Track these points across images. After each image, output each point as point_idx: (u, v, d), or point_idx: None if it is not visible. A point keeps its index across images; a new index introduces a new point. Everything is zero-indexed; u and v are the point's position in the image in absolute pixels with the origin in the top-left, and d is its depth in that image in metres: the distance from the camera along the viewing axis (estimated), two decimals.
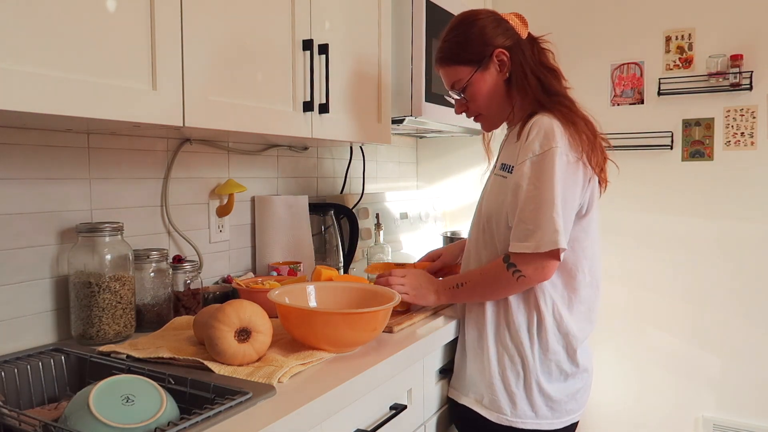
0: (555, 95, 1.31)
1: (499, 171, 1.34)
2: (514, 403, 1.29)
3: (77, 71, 0.91)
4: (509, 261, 1.25)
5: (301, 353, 1.10)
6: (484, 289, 1.31)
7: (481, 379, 1.32)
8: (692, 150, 2.32)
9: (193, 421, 0.80)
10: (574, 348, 1.31)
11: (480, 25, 1.33)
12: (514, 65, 1.32)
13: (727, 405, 2.32)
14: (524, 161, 1.24)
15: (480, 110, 1.39)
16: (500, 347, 1.30)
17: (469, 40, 1.33)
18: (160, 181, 1.48)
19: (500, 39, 1.32)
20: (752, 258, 2.25)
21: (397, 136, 2.49)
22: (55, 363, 1.11)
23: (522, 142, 1.27)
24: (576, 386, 1.33)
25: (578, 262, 1.30)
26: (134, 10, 1.00)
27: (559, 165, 1.20)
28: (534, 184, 1.21)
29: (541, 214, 1.19)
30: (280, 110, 1.34)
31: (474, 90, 1.35)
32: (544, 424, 1.29)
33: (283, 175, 1.90)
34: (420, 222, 2.45)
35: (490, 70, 1.33)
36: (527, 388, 1.28)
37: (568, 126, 1.23)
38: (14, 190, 1.16)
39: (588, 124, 1.28)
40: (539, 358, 1.28)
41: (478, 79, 1.34)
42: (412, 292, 1.40)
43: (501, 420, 1.29)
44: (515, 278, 1.24)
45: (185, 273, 1.41)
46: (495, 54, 1.32)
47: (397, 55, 1.83)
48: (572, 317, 1.31)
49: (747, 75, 2.19)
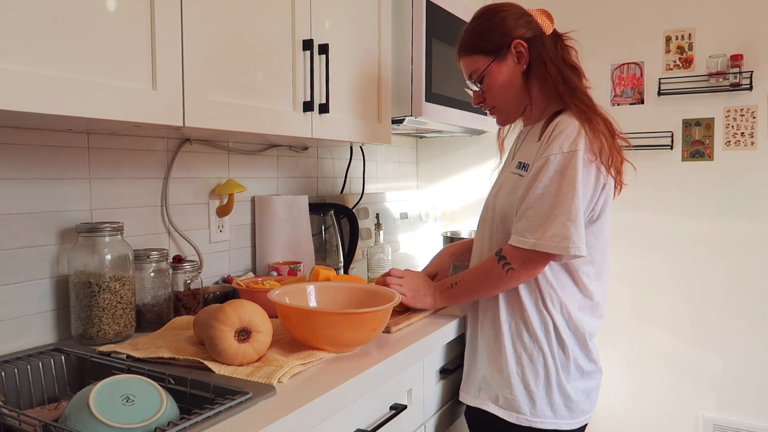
0: (575, 90, 1.29)
1: (516, 169, 1.32)
2: (534, 403, 1.28)
3: (77, 71, 0.91)
4: (500, 254, 1.25)
5: (301, 353, 1.10)
6: (476, 285, 1.31)
7: (499, 380, 1.31)
8: (692, 150, 2.32)
9: (193, 421, 0.80)
10: (587, 344, 1.31)
11: (501, 16, 1.32)
12: (533, 57, 1.30)
13: (727, 405, 2.32)
14: (543, 158, 1.21)
15: (495, 102, 1.37)
16: (519, 347, 1.29)
17: (489, 30, 1.32)
18: (160, 181, 1.48)
19: (520, 30, 1.30)
20: (752, 258, 2.25)
21: (397, 136, 2.49)
22: (55, 363, 1.11)
23: (544, 140, 1.25)
24: (591, 385, 1.34)
25: (582, 265, 1.29)
26: (134, 9, 1.00)
27: (580, 170, 1.19)
28: (549, 185, 1.20)
29: (550, 215, 1.18)
30: (280, 110, 1.34)
31: (490, 80, 1.34)
32: (563, 424, 1.29)
33: (283, 175, 1.90)
34: (420, 222, 2.45)
35: (508, 61, 1.32)
36: (548, 387, 1.28)
37: (587, 125, 1.22)
38: (14, 190, 1.16)
39: (607, 124, 1.26)
40: (559, 357, 1.28)
41: (494, 69, 1.32)
42: (409, 293, 1.40)
43: (520, 420, 1.28)
44: (505, 271, 1.23)
45: (185, 273, 1.41)
46: (513, 45, 1.30)
47: (397, 55, 1.83)
48: (581, 315, 1.30)
49: (747, 75, 2.18)
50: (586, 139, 1.20)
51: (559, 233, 1.17)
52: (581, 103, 1.26)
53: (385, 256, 1.97)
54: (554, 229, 1.18)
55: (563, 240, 1.17)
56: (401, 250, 2.28)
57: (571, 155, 1.19)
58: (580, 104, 1.26)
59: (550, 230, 1.18)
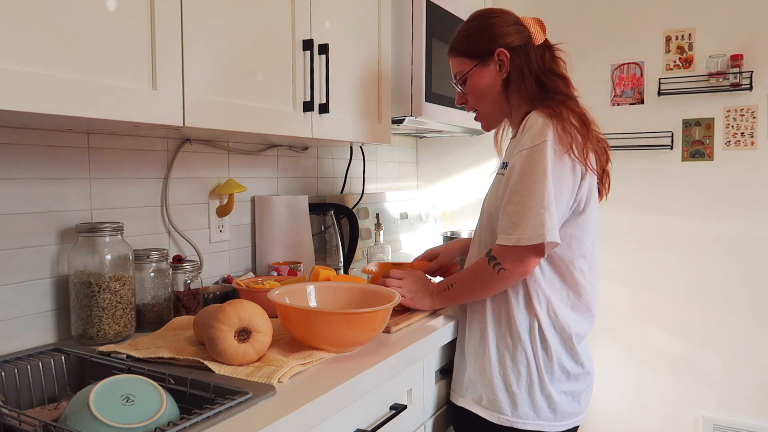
0: (555, 94, 1.30)
1: (501, 170, 1.35)
2: (515, 404, 1.28)
3: (77, 71, 0.91)
4: (490, 254, 1.25)
5: (301, 353, 1.10)
6: (471, 286, 1.31)
7: (481, 380, 1.31)
8: (692, 150, 2.32)
9: (193, 421, 0.80)
10: (573, 346, 1.30)
11: (491, 23, 1.35)
12: (514, 66, 1.32)
13: (727, 405, 2.32)
14: (515, 155, 1.24)
15: (476, 105, 1.42)
16: (502, 347, 1.30)
17: (477, 35, 1.35)
18: (160, 181, 1.48)
19: (507, 39, 1.32)
20: (752, 258, 2.25)
21: (397, 136, 2.49)
22: (55, 363, 1.11)
23: (517, 139, 1.28)
24: (578, 388, 1.33)
25: (575, 260, 1.29)
26: (134, 9, 1.00)
27: (549, 159, 1.20)
28: (522, 177, 1.21)
29: (526, 207, 1.19)
30: (280, 110, 1.34)
31: (471, 84, 1.38)
32: (546, 426, 1.29)
33: (283, 175, 1.90)
34: (420, 222, 2.45)
35: (490, 67, 1.35)
36: (529, 388, 1.28)
37: (556, 119, 1.23)
38: (14, 190, 1.16)
39: (580, 116, 1.27)
40: (542, 358, 1.28)
41: (476, 73, 1.36)
42: (409, 295, 1.40)
43: (501, 420, 1.28)
44: (496, 271, 1.24)
45: (185, 273, 1.41)
46: (497, 53, 1.33)
47: (397, 54, 1.83)
48: (569, 315, 1.30)
49: (747, 75, 2.18)
50: (554, 131, 1.22)
51: (536, 222, 1.18)
52: (551, 101, 1.28)
53: (385, 256, 1.97)
54: (532, 219, 1.18)
55: (538, 228, 1.18)
56: (401, 250, 2.29)
57: (539, 147, 1.21)
58: (553, 103, 1.28)
59: (529, 222, 1.19)
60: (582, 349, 1.33)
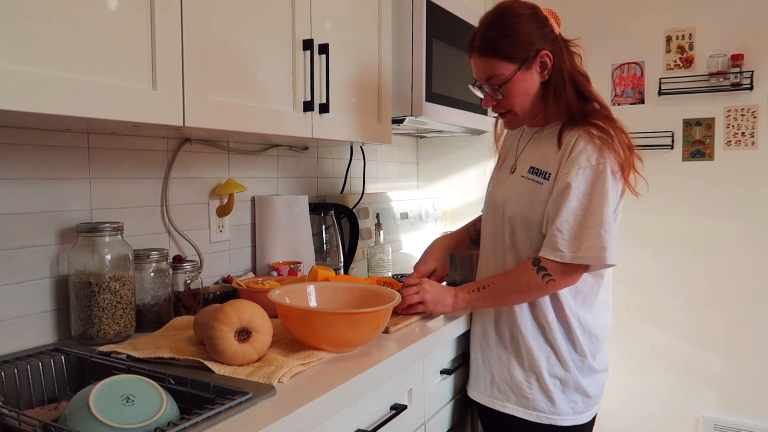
0: (591, 102, 1.31)
1: (530, 174, 1.32)
2: (553, 402, 1.31)
3: (77, 71, 0.91)
4: (540, 265, 1.25)
5: (301, 353, 1.10)
6: (508, 291, 1.30)
7: (518, 381, 1.33)
8: (693, 150, 2.31)
9: (193, 421, 0.80)
10: (601, 343, 1.36)
11: (528, 22, 1.27)
12: (555, 69, 1.29)
13: (728, 405, 2.31)
14: (570, 172, 1.23)
15: (512, 107, 1.33)
16: (537, 347, 1.32)
17: (518, 36, 1.27)
18: (160, 181, 1.48)
19: (546, 40, 1.29)
20: (752, 258, 2.25)
21: (397, 136, 2.48)
22: (55, 363, 1.11)
23: (565, 151, 1.26)
24: (603, 378, 1.38)
25: None
26: (134, 9, 1.00)
27: (609, 181, 1.22)
28: (580, 197, 1.22)
29: (585, 227, 1.21)
30: (280, 110, 1.34)
31: (513, 88, 1.30)
32: (580, 419, 1.33)
33: (283, 175, 1.90)
34: (420, 222, 2.45)
35: (532, 70, 1.30)
36: (565, 386, 1.31)
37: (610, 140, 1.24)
38: (14, 190, 1.16)
39: (627, 137, 1.28)
40: (577, 357, 1.32)
41: (519, 78, 1.29)
42: (429, 299, 1.37)
43: (540, 419, 1.31)
44: (544, 282, 1.24)
45: (185, 273, 1.41)
46: (540, 55, 1.28)
47: (397, 54, 1.83)
48: (599, 314, 1.35)
49: (748, 75, 2.18)
50: (612, 153, 1.24)
51: (595, 244, 1.20)
52: (602, 117, 1.28)
53: (386, 256, 1.97)
54: (589, 240, 1.21)
55: (600, 250, 1.20)
56: (402, 250, 2.28)
57: (600, 168, 1.23)
58: (601, 118, 1.28)
59: (585, 242, 1.21)
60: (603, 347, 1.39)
